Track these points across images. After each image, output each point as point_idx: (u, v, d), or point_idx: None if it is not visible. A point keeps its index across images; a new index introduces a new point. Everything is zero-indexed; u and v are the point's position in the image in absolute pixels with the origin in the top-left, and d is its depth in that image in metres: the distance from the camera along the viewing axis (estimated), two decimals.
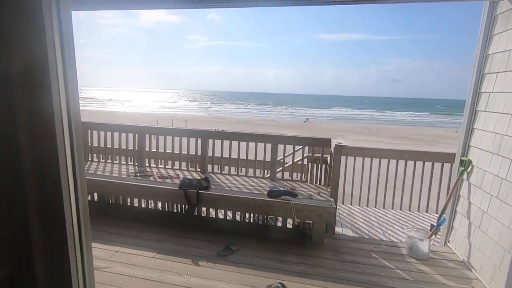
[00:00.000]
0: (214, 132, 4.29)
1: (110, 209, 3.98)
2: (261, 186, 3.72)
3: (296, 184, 3.87)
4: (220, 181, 3.88)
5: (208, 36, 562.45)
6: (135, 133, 4.40)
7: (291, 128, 26.83)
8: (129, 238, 3.21)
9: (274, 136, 4.07)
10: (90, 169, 4.19)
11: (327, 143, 3.80)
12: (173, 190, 3.49)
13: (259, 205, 3.25)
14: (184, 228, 3.50)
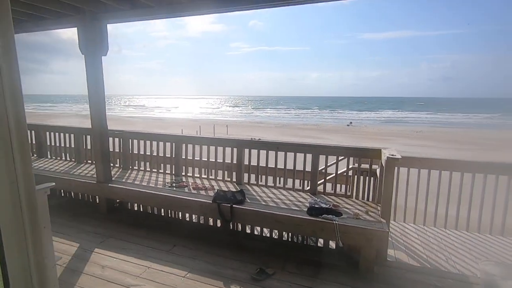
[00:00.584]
0: (250, 142, 4.06)
1: (147, 220, 3.97)
2: (300, 201, 3.39)
3: (340, 199, 3.46)
4: (256, 194, 3.63)
5: (249, 43, 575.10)
6: (172, 142, 4.40)
7: (333, 132, 25.74)
8: (162, 253, 3.10)
9: (314, 146, 3.71)
10: (130, 177, 4.25)
11: (377, 154, 3.33)
12: (207, 203, 3.33)
13: (297, 224, 2.93)
14: (219, 244, 3.32)
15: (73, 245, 3.23)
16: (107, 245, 3.24)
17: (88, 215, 4.04)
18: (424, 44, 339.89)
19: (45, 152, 5.38)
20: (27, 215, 0.52)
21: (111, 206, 4.19)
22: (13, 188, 0.50)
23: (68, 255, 3.02)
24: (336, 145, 3.76)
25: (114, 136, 4.68)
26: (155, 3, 3.16)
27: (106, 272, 2.75)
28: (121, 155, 4.72)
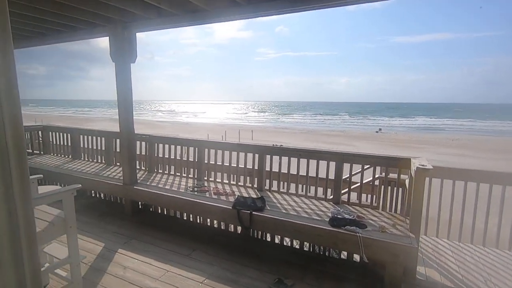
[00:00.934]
0: (272, 148, 4.01)
1: (169, 223, 4.04)
2: (322, 210, 3.26)
3: (365, 210, 3.29)
4: (277, 201, 3.56)
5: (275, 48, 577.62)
6: (195, 147, 4.46)
7: (360, 139, 24.90)
8: (181, 256, 3.12)
9: (338, 153, 3.57)
10: (154, 181, 4.36)
11: (406, 163, 3.14)
12: (227, 209, 3.32)
13: (318, 235, 2.81)
14: (237, 251, 3.28)
15: (99, 244, 3.35)
16: (130, 246, 3.33)
17: (114, 216, 4.19)
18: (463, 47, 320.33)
19: (78, 154, 5.69)
20: (23, 226, 0.51)
21: (136, 208, 4.31)
22: (9, 194, 0.50)
23: (94, 254, 3.13)
24: (362, 153, 3.59)
25: (141, 140, 4.85)
26: (180, 11, 3.24)
27: (127, 273, 2.82)
28: (147, 158, 4.87)
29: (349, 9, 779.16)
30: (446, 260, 3.13)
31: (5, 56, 0.48)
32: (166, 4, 3.06)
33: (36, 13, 3.38)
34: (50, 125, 6.72)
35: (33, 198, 2.17)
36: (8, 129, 0.49)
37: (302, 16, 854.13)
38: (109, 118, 45.63)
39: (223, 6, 3.06)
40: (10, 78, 0.49)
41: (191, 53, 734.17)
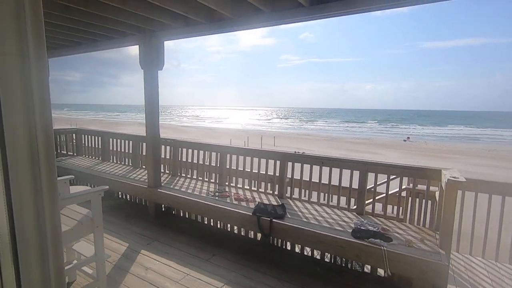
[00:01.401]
0: (294, 155, 3.96)
1: (190, 227, 4.10)
2: (345, 220, 3.16)
3: (390, 222, 3.14)
4: (297, 209, 3.50)
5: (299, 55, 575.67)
6: (217, 152, 4.52)
7: (387, 148, 24.01)
8: (201, 260, 3.15)
9: (362, 162, 3.45)
10: (177, 184, 4.46)
11: (435, 174, 2.97)
12: (247, 215, 3.31)
13: (340, 246, 2.72)
14: (257, 258, 3.25)
15: (123, 244, 3.47)
16: (152, 248, 3.41)
17: (139, 217, 4.32)
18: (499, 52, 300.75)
19: (108, 156, 5.97)
20: (50, 227, 0.53)
21: (159, 210, 4.42)
22: (38, 196, 0.52)
23: (118, 254, 3.24)
24: (388, 162, 3.45)
25: (166, 144, 5.00)
26: (206, 20, 3.33)
27: (149, 274, 2.88)
28: (171, 162, 5.00)
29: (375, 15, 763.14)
30: (480, 281, 2.90)
31: (40, 63, 0.51)
32: (193, 14, 3.16)
33: (72, 24, 3.63)
34: (83, 128, 7.13)
35: (64, 198, 2.29)
36: (39, 134, 0.52)
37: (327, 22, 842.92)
38: (138, 122, 47.57)
39: (248, 15, 3.11)
40: (43, 85, 0.52)
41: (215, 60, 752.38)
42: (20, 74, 0.51)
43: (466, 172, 2.87)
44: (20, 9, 0.48)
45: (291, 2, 2.81)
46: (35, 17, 0.50)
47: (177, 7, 3.00)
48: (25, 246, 0.53)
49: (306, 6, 2.75)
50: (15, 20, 0.48)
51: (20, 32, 0.49)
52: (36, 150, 0.52)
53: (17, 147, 0.51)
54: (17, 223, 0.52)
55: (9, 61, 0.49)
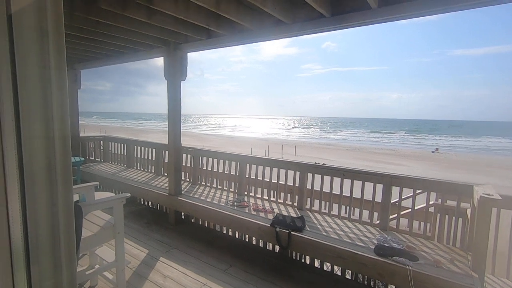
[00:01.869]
0: (314, 166, 3.88)
1: (208, 236, 4.11)
2: (367, 236, 3.03)
3: (416, 240, 2.97)
4: (317, 222, 3.41)
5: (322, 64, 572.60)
6: (237, 162, 4.54)
7: (413, 159, 22.99)
8: (218, 271, 3.13)
9: (386, 175, 3.31)
10: (197, 192, 4.51)
11: (467, 190, 2.78)
12: (265, 226, 3.27)
13: (362, 263, 2.60)
14: (274, 271, 3.18)
15: (143, 251, 3.53)
16: (171, 256, 3.44)
17: (159, 224, 4.40)
18: None
19: (133, 163, 6.18)
20: (64, 237, 0.54)
21: (179, 218, 4.48)
22: (53, 206, 0.54)
23: (138, 260, 3.30)
24: (414, 176, 3.28)
25: (187, 153, 5.09)
26: (228, 32, 3.40)
27: (166, 282, 2.90)
28: (192, 170, 5.07)
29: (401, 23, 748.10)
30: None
31: (60, 75, 0.54)
32: (215, 26, 3.24)
33: (103, 38, 3.84)
34: (110, 135, 7.45)
35: (89, 204, 2.38)
36: (57, 143, 0.54)
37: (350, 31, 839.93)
38: (162, 130, 49.11)
39: (269, 26, 3.14)
40: (62, 96, 0.55)
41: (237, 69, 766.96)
42: (40, 85, 0.53)
43: (502, 187, 2.67)
44: (43, 24, 0.50)
45: (312, 13, 2.80)
46: (56, 31, 0.52)
47: (200, 20, 3.09)
48: (38, 254, 0.54)
49: (327, 16, 2.73)
50: (37, 33, 0.51)
51: (42, 45, 0.51)
52: (53, 159, 0.54)
53: (33, 156, 0.53)
54: (31, 231, 0.53)
55: (30, 72, 0.52)
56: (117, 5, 2.84)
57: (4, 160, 0.50)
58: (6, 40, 0.50)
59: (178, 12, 2.89)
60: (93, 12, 3.03)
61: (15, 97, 0.52)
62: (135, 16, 3.00)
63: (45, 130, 0.54)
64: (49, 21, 0.51)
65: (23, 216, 0.52)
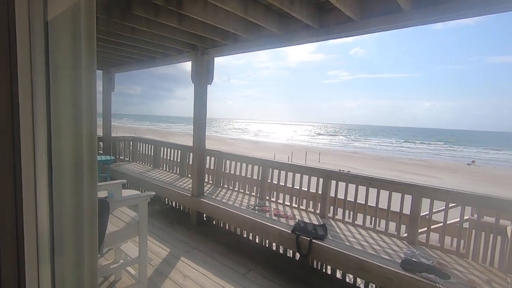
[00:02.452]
0: (338, 173, 3.78)
1: (228, 238, 4.12)
2: (393, 249, 2.88)
3: (448, 257, 2.78)
4: (340, 231, 3.30)
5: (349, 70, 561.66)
6: (259, 165, 4.53)
7: (446, 171, 21.68)
8: (237, 275, 3.12)
9: (416, 186, 3.13)
10: (219, 195, 4.55)
11: (507, 205, 2.56)
12: (285, 232, 3.21)
13: (387, 277, 2.47)
14: (294, 279, 3.11)
15: (165, 249, 3.61)
16: (191, 256, 3.48)
17: (181, 224, 4.48)
18: None
19: (159, 164, 6.38)
20: (87, 232, 0.56)
21: (201, 219, 4.54)
22: (78, 203, 0.56)
23: (159, 258, 3.38)
24: (447, 188, 3.08)
25: (211, 155, 5.17)
26: (255, 37, 3.44)
27: (186, 282, 2.93)
28: (215, 173, 5.14)
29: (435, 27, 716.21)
30: None
31: (89, 77, 0.56)
32: (242, 31, 3.28)
33: (136, 43, 4.03)
34: (139, 136, 7.76)
35: (116, 200, 2.48)
36: (84, 142, 0.56)
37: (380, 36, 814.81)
38: (188, 133, 50.47)
39: (296, 30, 3.14)
40: (91, 97, 0.57)
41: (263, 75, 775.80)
42: (71, 86, 0.56)
43: None
44: (76, 29, 0.53)
45: (341, 17, 2.76)
46: (88, 35, 0.54)
47: (228, 25, 3.15)
48: (62, 247, 0.56)
49: (356, 20, 2.67)
50: (71, 37, 0.53)
51: (75, 48, 0.54)
52: (81, 157, 0.56)
53: (62, 153, 0.56)
54: (56, 225, 0.55)
55: (63, 73, 0.55)
56: (150, 11, 2.98)
57: (35, 156, 0.53)
58: (42, 44, 0.54)
59: (207, 18, 2.97)
60: (128, 18, 3.20)
61: (47, 96, 0.55)
62: (166, 22, 3.13)
63: (74, 129, 0.57)
64: (82, 26, 0.54)
65: (50, 210, 0.55)
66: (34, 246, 0.55)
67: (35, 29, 0.53)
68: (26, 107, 0.53)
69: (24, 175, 0.53)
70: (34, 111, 0.54)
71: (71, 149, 0.56)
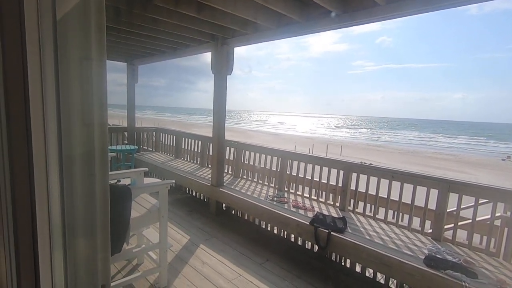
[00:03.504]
0: (360, 166, 3.67)
1: (246, 228, 4.16)
2: (416, 244, 2.77)
3: (477, 255, 2.63)
4: (360, 225, 3.22)
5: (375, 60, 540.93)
6: (278, 157, 4.51)
7: (477, 167, 20.49)
8: (255, 264, 3.15)
9: (443, 180, 2.98)
10: (238, 185, 4.59)
11: None
12: (303, 224, 3.19)
13: (409, 273, 2.38)
14: (312, 271, 3.10)
15: (185, 237, 3.71)
16: (210, 244, 3.55)
17: (201, 213, 4.58)
18: None
19: (180, 154, 6.53)
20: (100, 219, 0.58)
21: (220, 208, 4.61)
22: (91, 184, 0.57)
23: (180, 245, 3.48)
24: (478, 183, 2.90)
25: (230, 146, 5.21)
26: (275, 26, 3.37)
27: (204, 268, 3.00)
28: (234, 164, 5.18)
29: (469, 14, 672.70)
30: None
31: (100, 67, 0.57)
32: (262, 19, 3.22)
33: (158, 34, 4.09)
34: (161, 127, 7.96)
35: (138, 187, 2.56)
36: (96, 131, 0.57)
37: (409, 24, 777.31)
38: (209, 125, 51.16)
39: (317, 17, 3.03)
40: (102, 88, 0.58)
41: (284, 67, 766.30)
42: (82, 75, 0.57)
43: None
44: (86, 19, 0.53)
45: (365, 2, 2.63)
46: (98, 27, 0.55)
47: (248, 14, 3.10)
48: (74, 234, 0.58)
49: (382, 5, 2.53)
50: (80, 28, 0.54)
51: (85, 39, 0.54)
52: (92, 145, 0.58)
53: (72, 143, 0.57)
54: (68, 212, 0.57)
55: (73, 63, 0.56)
56: (170, 1, 2.99)
57: (47, 145, 0.55)
58: (51, 34, 0.54)
59: (226, 6, 2.94)
60: (150, 9, 3.24)
61: (56, 87, 0.56)
62: (186, 12, 3.13)
63: (85, 118, 0.58)
64: (92, 16, 0.54)
65: (61, 198, 0.57)
66: (47, 233, 0.57)
67: (44, 17, 0.54)
68: (36, 97, 0.55)
69: (35, 165, 0.55)
70: (44, 101, 0.56)
71: (82, 138, 0.58)
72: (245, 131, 43.26)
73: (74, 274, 0.59)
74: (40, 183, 0.56)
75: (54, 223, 0.57)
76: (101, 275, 0.60)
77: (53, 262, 0.56)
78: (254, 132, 43.81)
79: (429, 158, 24.17)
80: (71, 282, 0.59)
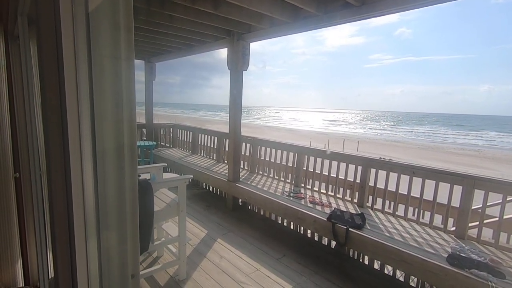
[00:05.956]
0: (379, 161, 3.59)
1: (263, 223, 4.18)
2: (438, 242, 2.69)
3: (504, 254, 2.52)
4: (379, 221, 3.16)
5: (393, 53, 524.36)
6: (295, 152, 4.48)
7: (504, 163, 19.54)
8: (271, 259, 3.16)
9: (468, 176, 2.86)
10: (254, 181, 4.61)
11: None
12: (321, 219, 3.17)
13: (431, 272, 2.32)
14: (329, 267, 3.08)
15: (203, 231, 3.77)
16: (227, 238, 3.60)
17: (218, 208, 4.64)
18: None
19: (197, 150, 6.62)
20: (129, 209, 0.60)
21: (236, 203, 4.65)
22: (121, 177, 0.59)
23: (198, 239, 3.54)
24: (505, 179, 2.77)
25: (246, 142, 5.22)
26: (291, 19, 3.33)
27: (222, 262, 3.05)
28: (250, 159, 5.20)
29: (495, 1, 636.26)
30: None
31: (128, 65, 0.59)
32: (278, 13, 3.19)
33: (175, 31, 4.14)
34: (178, 124, 8.10)
35: (158, 182, 2.62)
36: (125, 127, 0.60)
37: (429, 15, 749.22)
38: (225, 122, 51.52)
39: (335, 10, 2.97)
40: (130, 84, 0.60)
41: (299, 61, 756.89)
42: (112, 74, 0.59)
43: None
44: (116, 20, 0.55)
45: None
46: (127, 25, 0.56)
47: (263, 8, 3.08)
48: (106, 223, 0.61)
49: None
50: (111, 27, 0.56)
51: (115, 38, 0.56)
52: (122, 141, 0.60)
53: (104, 138, 0.60)
54: (101, 204, 0.60)
55: (105, 62, 0.58)
56: None
57: (81, 140, 0.58)
58: (84, 35, 0.56)
59: (242, 1, 2.93)
60: (167, 6, 3.28)
61: (90, 83, 0.58)
62: (202, 8, 3.15)
63: (116, 114, 0.60)
64: (121, 15, 0.56)
65: (95, 190, 0.59)
66: (82, 222, 0.60)
67: (78, 20, 0.56)
68: (72, 94, 0.57)
69: (71, 160, 0.58)
70: (78, 98, 0.58)
71: (113, 134, 0.60)
72: (259, 127, 43.26)
73: (107, 263, 0.61)
74: (76, 175, 0.58)
75: (88, 212, 0.59)
76: (130, 264, 0.62)
77: (88, 250, 0.59)
78: (269, 128, 43.73)
79: (451, 154, 23.30)
80: (104, 270, 0.62)
